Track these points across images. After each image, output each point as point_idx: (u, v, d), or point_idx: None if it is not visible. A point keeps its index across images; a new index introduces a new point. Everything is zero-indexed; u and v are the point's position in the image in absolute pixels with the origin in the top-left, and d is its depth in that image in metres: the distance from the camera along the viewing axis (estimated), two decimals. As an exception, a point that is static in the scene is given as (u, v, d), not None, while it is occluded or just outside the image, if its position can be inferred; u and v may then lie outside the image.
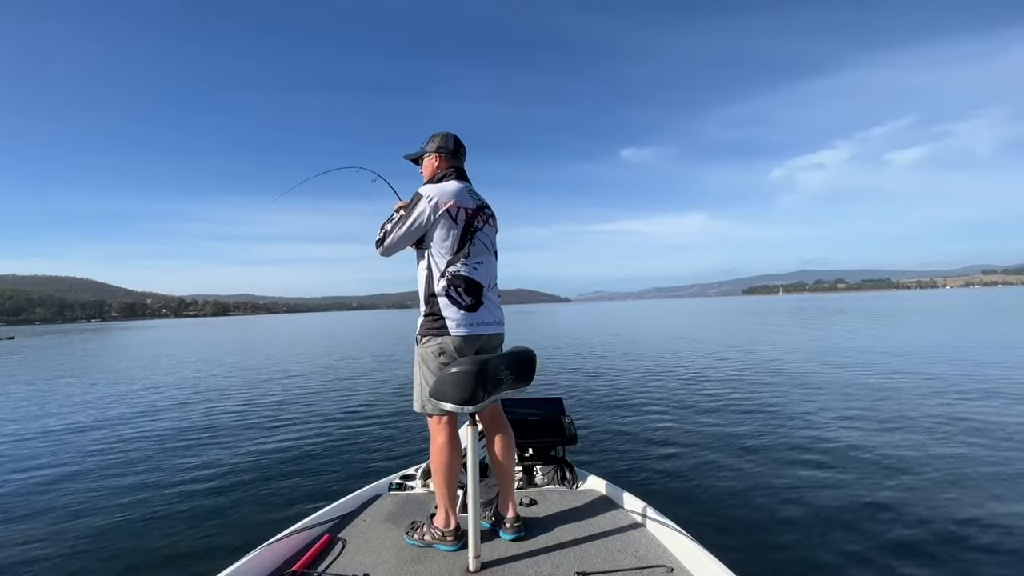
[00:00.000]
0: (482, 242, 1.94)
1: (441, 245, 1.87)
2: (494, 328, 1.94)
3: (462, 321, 1.84)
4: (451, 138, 2.09)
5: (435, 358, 1.84)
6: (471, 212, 1.92)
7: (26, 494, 4.14)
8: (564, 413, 2.81)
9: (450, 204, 1.87)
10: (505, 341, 2.07)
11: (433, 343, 1.86)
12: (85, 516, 3.63)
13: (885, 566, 2.58)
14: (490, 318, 1.92)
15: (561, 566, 1.69)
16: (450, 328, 1.84)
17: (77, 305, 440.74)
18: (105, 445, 5.64)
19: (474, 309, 1.88)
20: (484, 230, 1.96)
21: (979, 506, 3.21)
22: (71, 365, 16.58)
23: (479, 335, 1.88)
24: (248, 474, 4.45)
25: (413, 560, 1.76)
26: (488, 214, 2.01)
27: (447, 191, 1.90)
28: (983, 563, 2.59)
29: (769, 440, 4.74)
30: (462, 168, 2.10)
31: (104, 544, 3.18)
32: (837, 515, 3.12)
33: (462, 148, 2.11)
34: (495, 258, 2.03)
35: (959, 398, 6.28)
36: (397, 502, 2.31)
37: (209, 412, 7.38)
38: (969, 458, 4.09)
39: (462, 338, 1.84)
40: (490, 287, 1.94)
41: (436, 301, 1.87)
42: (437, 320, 1.86)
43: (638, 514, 2.05)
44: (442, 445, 1.87)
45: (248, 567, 1.65)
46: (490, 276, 1.95)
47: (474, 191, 2.02)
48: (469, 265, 1.88)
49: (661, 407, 6.41)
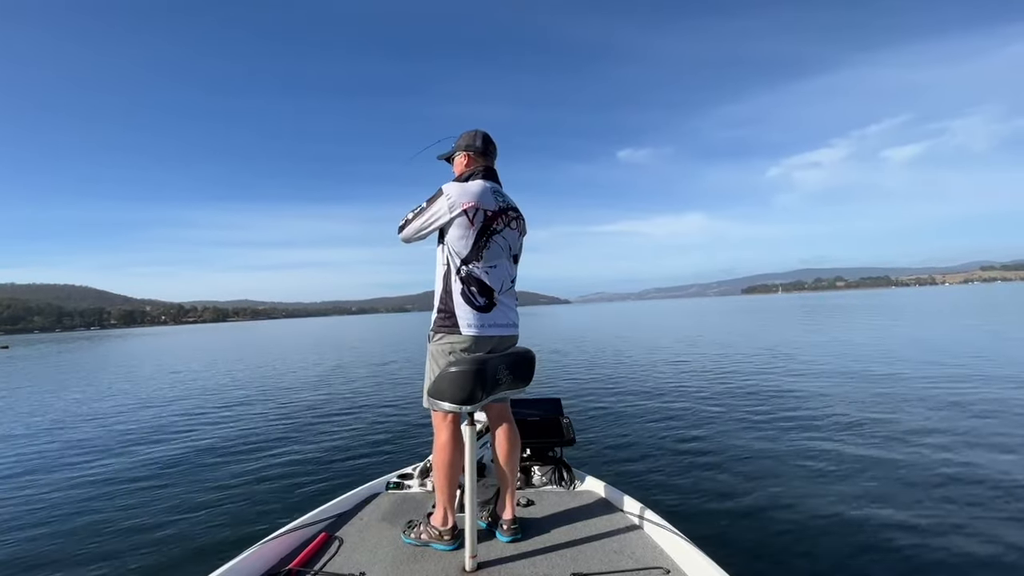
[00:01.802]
0: (499, 245, 1.90)
1: (457, 244, 1.85)
2: (507, 330, 1.92)
3: (474, 321, 1.83)
4: (480, 136, 2.07)
5: (445, 356, 1.84)
6: (491, 214, 1.88)
7: (25, 496, 4.13)
8: (562, 414, 2.81)
9: (468, 204, 1.84)
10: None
11: (444, 340, 1.86)
12: (84, 516, 3.62)
13: (881, 569, 2.57)
14: (503, 320, 1.90)
15: (558, 567, 1.69)
16: (461, 327, 1.83)
17: (76, 313, 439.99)
18: (105, 446, 5.62)
19: (487, 310, 1.86)
20: (504, 233, 1.92)
21: (981, 505, 3.22)
22: (59, 375, 16.52)
23: (491, 336, 1.86)
24: (245, 472, 4.45)
25: (409, 559, 1.76)
26: (512, 217, 1.97)
27: (468, 191, 1.87)
28: (985, 563, 2.60)
29: (767, 443, 4.73)
30: (491, 167, 2.07)
31: (100, 544, 3.18)
32: (833, 518, 3.11)
33: (492, 146, 2.08)
34: (514, 262, 2.00)
35: (964, 399, 6.28)
36: (394, 501, 2.31)
37: (207, 413, 7.35)
38: (971, 463, 4.08)
39: (473, 338, 1.83)
40: (502, 290, 1.91)
41: (450, 299, 1.86)
42: (449, 318, 1.85)
43: (635, 516, 2.05)
44: (445, 442, 1.86)
45: (244, 564, 1.65)
46: (503, 280, 1.92)
47: (500, 192, 1.99)
48: (482, 267, 1.86)
49: (660, 409, 6.40)
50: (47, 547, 3.22)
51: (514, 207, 2.01)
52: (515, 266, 2.02)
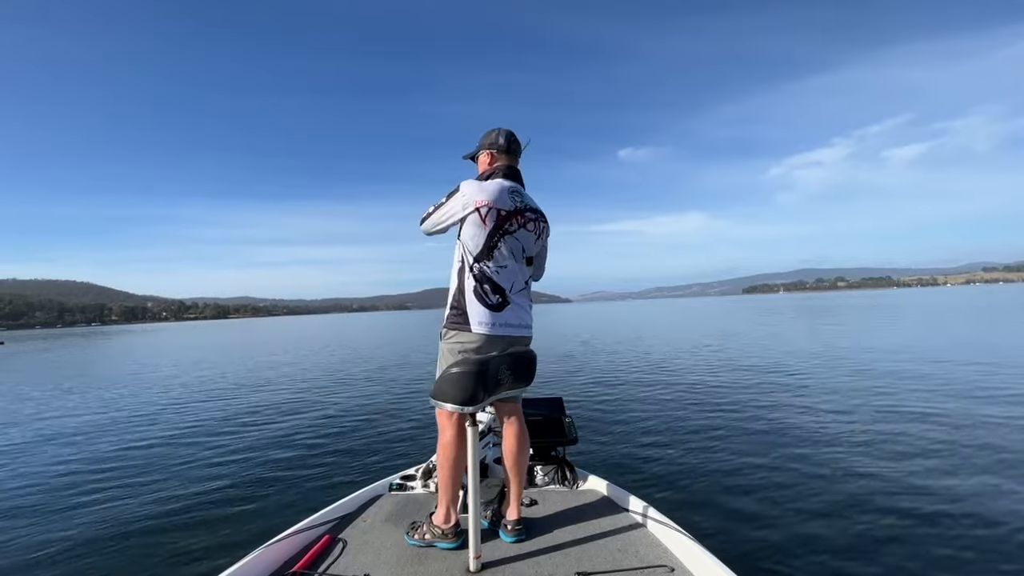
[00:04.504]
0: (510, 246, 1.88)
1: (470, 242, 1.85)
2: (519, 331, 1.90)
3: (485, 319, 1.82)
4: (503, 134, 2.04)
5: (454, 355, 1.83)
6: (504, 214, 1.86)
7: (24, 497, 4.14)
8: (565, 413, 2.81)
9: (481, 203, 1.83)
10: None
11: (455, 339, 1.85)
12: (84, 517, 3.62)
13: (887, 566, 2.57)
14: (515, 320, 1.88)
15: (562, 566, 1.68)
16: (472, 324, 1.82)
17: (77, 309, 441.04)
18: (105, 447, 5.63)
19: (499, 309, 1.84)
20: (518, 234, 1.89)
21: (983, 505, 3.21)
22: (55, 372, 16.56)
23: (503, 336, 1.84)
24: (246, 474, 4.44)
25: (414, 560, 1.76)
26: (530, 218, 1.93)
27: (484, 189, 1.86)
28: (987, 562, 2.59)
29: (772, 441, 4.73)
30: (514, 166, 2.05)
31: (104, 546, 3.17)
32: (839, 516, 3.11)
33: (515, 144, 2.05)
34: (526, 264, 1.96)
35: (975, 398, 6.26)
36: (397, 502, 2.31)
37: (206, 414, 7.36)
38: (983, 461, 4.07)
39: (483, 336, 1.81)
40: (513, 291, 1.89)
41: (463, 296, 1.85)
42: (461, 315, 1.84)
43: (639, 514, 2.05)
44: (449, 440, 1.85)
45: (249, 567, 1.64)
46: (514, 280, 1.89)
47: (519, 192, 1.96)
48: (493, 267, 1.85)
49: (662, 407, 6.39)
50: (47, 547, 3.22)
51: (533, 208, 1.99)
52: (529, 268, 1.99)
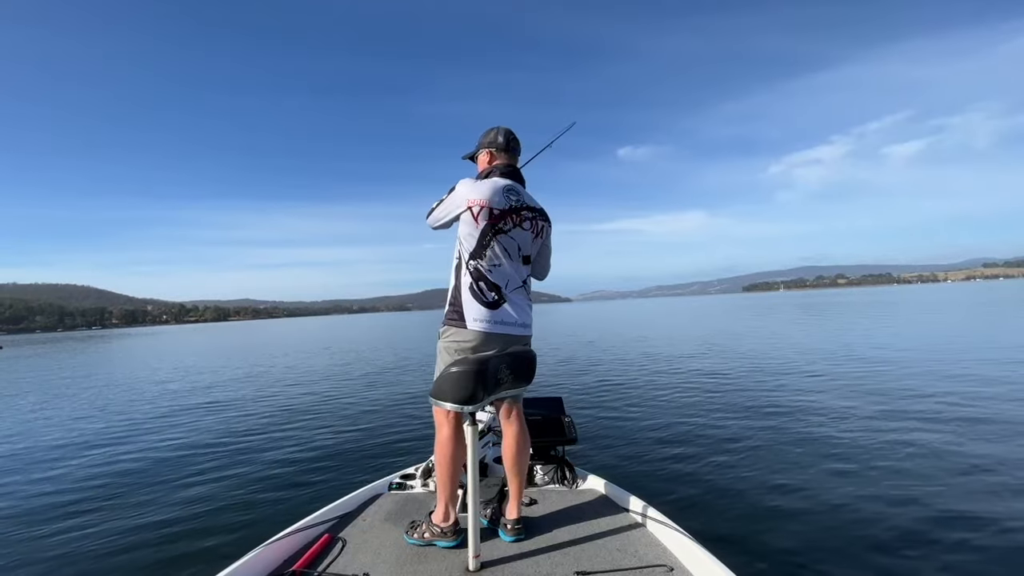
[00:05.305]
0: (504, 245, 1.87)
1: (465, 240, 1.87)
2: (517, 330, 1.89)
3: (481, 316, 1.82)
4: (502, 133, 2.05)
5: (452, 353, 1.83)
6: (498, 213, 1.85)
7: (26, 496, 4.15)
8: (564, 413, 2.82)
9: (474, 201, 1.83)
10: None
11: (451, 337, 1.85)
12: (85, 517, 3.62)
13: (884, 566, 2.57)
14: (512, 319, 1.87)
15: (561, 565, 1.69)
16: (468, 322, 1.82)
17: (78, 313, 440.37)
18: (105, 448, 5.64)
19: (495, 307, 1.84)
20: (512, 233, 1.89)
21: (983, 503, 3.21)
22: (52, 377, 16.57)
23: (499, 334, 1.84)
24: (246, 474, 4.45)
25: (413, 560, 1.77)
26: (527, 217, 1.93)
27: (478, 188, 1.87)
28: (986, 561, 2.59)
29: (771, 440, 4.73)
30: (513, 165, 2.05)
31: (103, 544, 3.18)
32: (839, 516, 3.11)
33: (513, 142, 2.06)
34: (521, 263, 1.94)
35: (971, 396, 6.26)
36: (397, 501, 2.32)
37: (205, 415, 7.36)
38: (980, 457, 4.07)
39: (479, 333, 1.81)
40: (509, 288, 1.89)
41: (460, 293, 1.86)
42: (458, 312, 1.85)
43: (638, 514, 2.05)
44: (446, 438, 1.85)
45: (248, 566, 1.65)
46: (508, 279, 1.89)
47: (516, 191, 1.95)
48: (486, 265, 1.86)
49: (662, 407, 6.40)
50: (47, 547, 3.22)
51: (532, 207, 1.98)
52: (526, 267, 1.99)
